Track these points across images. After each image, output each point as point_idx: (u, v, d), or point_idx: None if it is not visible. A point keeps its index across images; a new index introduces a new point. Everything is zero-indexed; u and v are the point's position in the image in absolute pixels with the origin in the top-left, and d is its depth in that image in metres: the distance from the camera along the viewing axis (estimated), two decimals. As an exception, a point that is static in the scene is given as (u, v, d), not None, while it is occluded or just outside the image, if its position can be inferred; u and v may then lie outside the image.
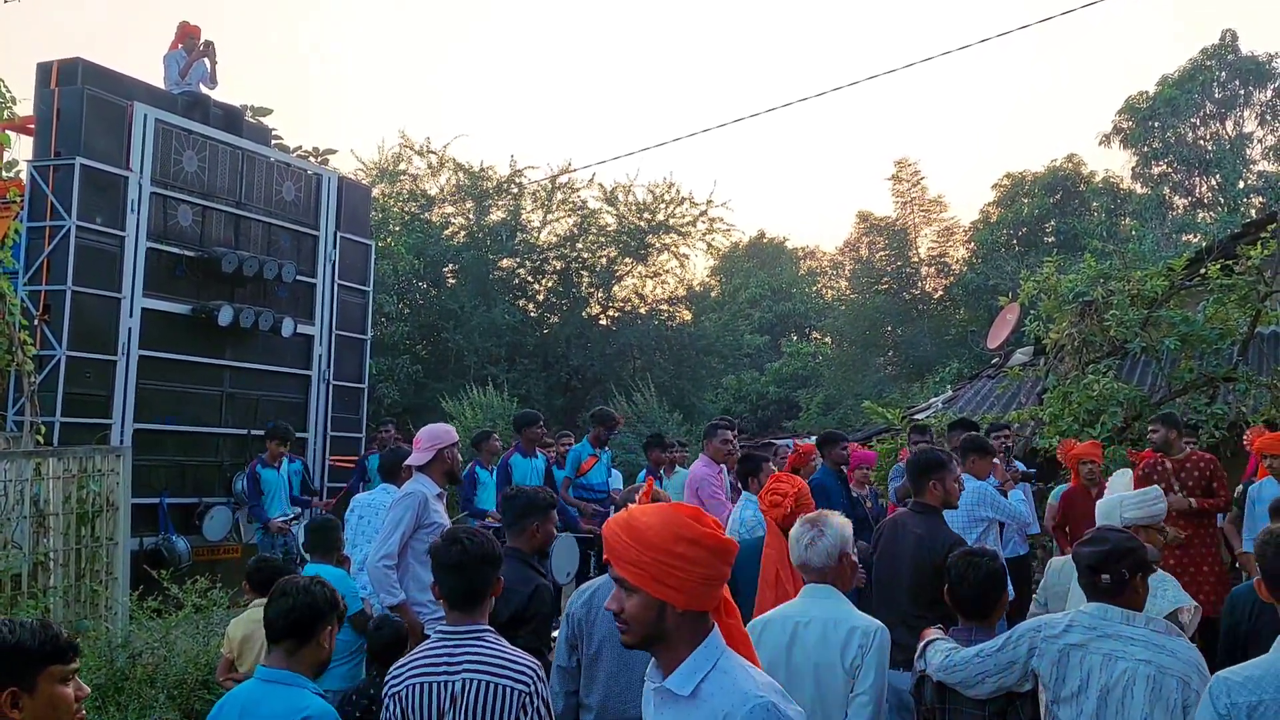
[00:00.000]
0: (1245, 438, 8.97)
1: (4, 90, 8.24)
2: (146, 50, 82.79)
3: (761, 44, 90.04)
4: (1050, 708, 3.56)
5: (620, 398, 22.61)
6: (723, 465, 8.19)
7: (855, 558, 4.03)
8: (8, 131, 9.42)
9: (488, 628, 3.42)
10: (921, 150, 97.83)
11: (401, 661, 3.44)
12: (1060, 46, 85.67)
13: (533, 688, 3.25)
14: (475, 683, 3.24)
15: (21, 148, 10.73)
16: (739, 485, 7.24)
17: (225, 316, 10.92)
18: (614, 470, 11.66)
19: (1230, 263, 11.32)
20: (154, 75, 11.82)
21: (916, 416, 14.22)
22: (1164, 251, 22.69)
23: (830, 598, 3.87)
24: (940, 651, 3.85)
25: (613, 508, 9.29)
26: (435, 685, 3.27)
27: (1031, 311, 13.29)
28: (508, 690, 3.22)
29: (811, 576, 3.93)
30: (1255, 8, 63.91)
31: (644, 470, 10.73)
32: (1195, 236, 26.62)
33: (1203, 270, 11.59)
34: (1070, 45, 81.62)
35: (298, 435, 11.83)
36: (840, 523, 3.98)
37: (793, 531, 4.04)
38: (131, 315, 10.30)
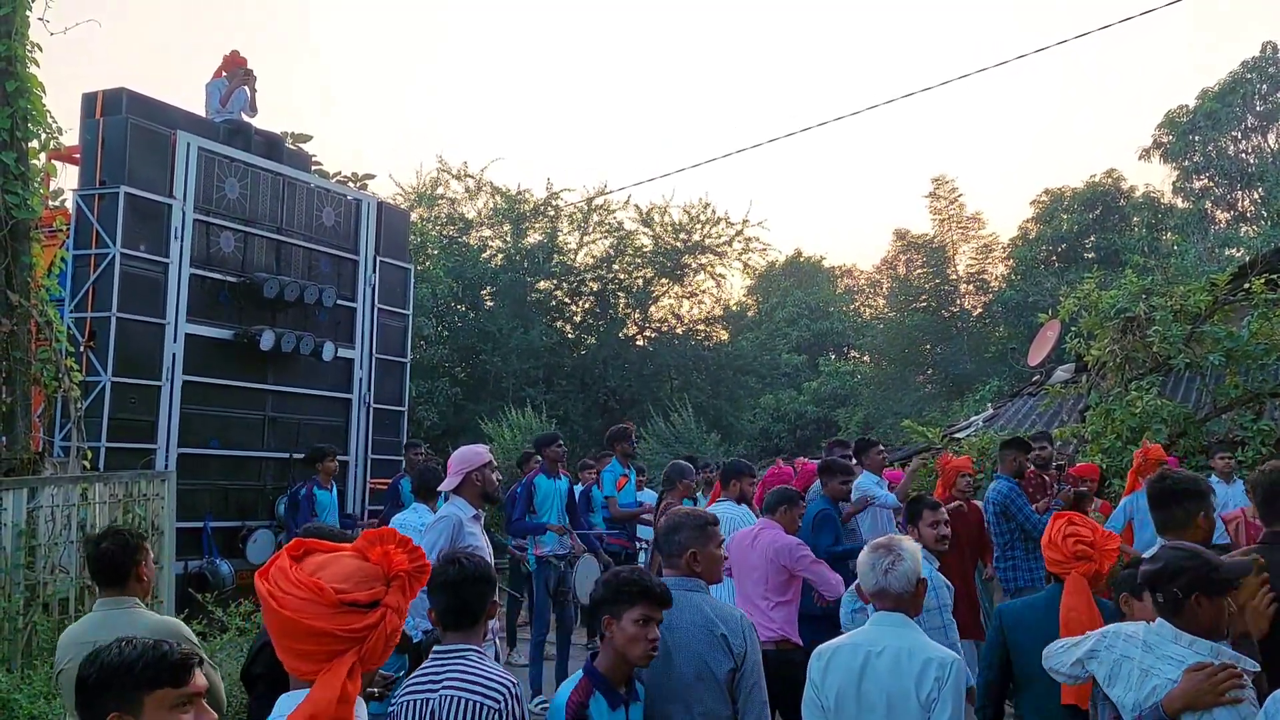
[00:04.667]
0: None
1: (50, 121, 8.35)
2: (189, 79, 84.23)
3: (797, 63, 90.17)
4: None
5: (658, 418, 22.63)
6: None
7: (924, 579, 3.98)
8: (54, 161, 9.54)
9: (473, 647, 3.57)
10: (959, 167, 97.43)
11: (403, 682, 3.63)
12: (1098, 61, 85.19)
13: (505, 705, 3.41)
14: (452, 699, 3.42)
15: (67, 177, 10.89)
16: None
17: (267, 341, 11.01)
18: (647, 489, 11.74)
19: (1275, 277, 11.21)
20: (196, 103, 11.99)
21: (957, 435, 14.13)
22: (1207, 266, 22.45)
23: (904, 626, 3.79)
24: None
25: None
26: (419, 702, 3.45)
27: (1072, 328, 13.20)
28: (479, 705, 3.39)
29: (887, 604, 3.84)
30: (1296, 19, 63.23)
31: None
32: (1238, 251, 26.32)
33: (1246, 285, 11.46)
34: (1108, 60, 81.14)
35: (339, 458, 11.95)
36: (913, 547, 3.93)
37: (863, 557, 3.95)
38: (175, 341, 10.40)
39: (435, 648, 3.61)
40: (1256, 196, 31.09)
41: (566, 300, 27.03)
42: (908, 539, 4.04)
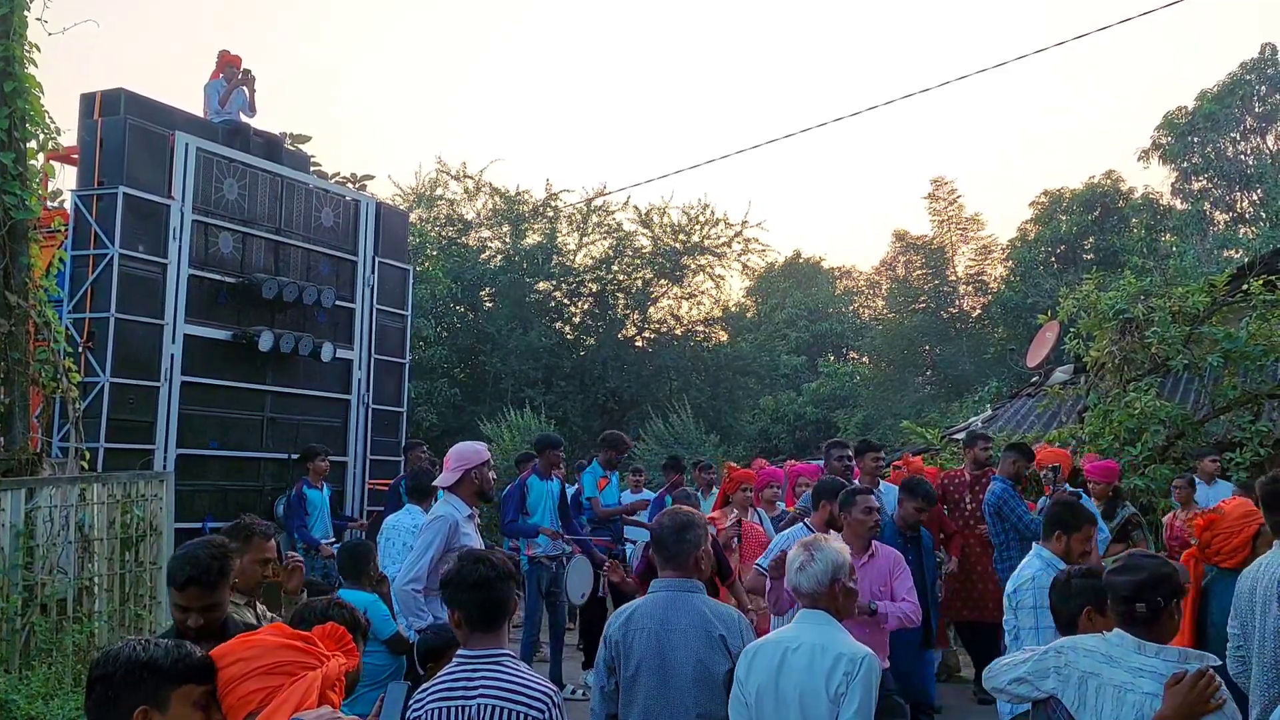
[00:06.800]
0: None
1: (48, 121, 8.35)
2: (187, 80, 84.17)
3: (796, 64, 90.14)
4: None
5: (657, 419, 22.60)
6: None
7: (852, 585, 3.94)
8: (52, 162, 9.54)
9: (506, 652, 3.44)
10: (958, 168, 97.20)
11: (424, 686, 3.46)
12: (1097, 63, 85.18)
13: (548, 714, 3.28)
14: (491, 708, 3.28)
15: (65, 177, 10.90)
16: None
17: (266, 342, 11.01)
18: (646, 489, 11.74)
19: (1273, 278, 11.21)
20: (195, 104, 11.99)
21: (956, 436, 14.13)
22: (1205, 267, 22.42)
23: (823, 624, 3.81)
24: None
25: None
26: (452, 710, 3.31)
27: (1071, 329, 13.19)
28: (522, 716, 3.26)
29: (805, 601, 3.89)
30: (1295, 20, 63.23)
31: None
32: (1237, 252, 26.30)
33: (1245, 286, 11.47)
34: (1107, 61, 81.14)
35: (338, 459, 11.95)
36: (836, 549, 3.92)
37: (789, 553, 4.01)
38: (174, 341, 10.41)
39: (461, 651, 3.46)
40: (1255, 198, 31.08)
41: (565, 301, 27.00)
42: (833, 540, 4.03)
